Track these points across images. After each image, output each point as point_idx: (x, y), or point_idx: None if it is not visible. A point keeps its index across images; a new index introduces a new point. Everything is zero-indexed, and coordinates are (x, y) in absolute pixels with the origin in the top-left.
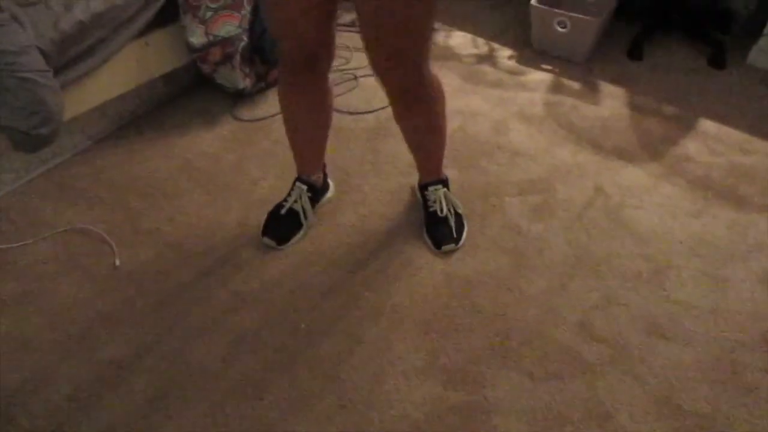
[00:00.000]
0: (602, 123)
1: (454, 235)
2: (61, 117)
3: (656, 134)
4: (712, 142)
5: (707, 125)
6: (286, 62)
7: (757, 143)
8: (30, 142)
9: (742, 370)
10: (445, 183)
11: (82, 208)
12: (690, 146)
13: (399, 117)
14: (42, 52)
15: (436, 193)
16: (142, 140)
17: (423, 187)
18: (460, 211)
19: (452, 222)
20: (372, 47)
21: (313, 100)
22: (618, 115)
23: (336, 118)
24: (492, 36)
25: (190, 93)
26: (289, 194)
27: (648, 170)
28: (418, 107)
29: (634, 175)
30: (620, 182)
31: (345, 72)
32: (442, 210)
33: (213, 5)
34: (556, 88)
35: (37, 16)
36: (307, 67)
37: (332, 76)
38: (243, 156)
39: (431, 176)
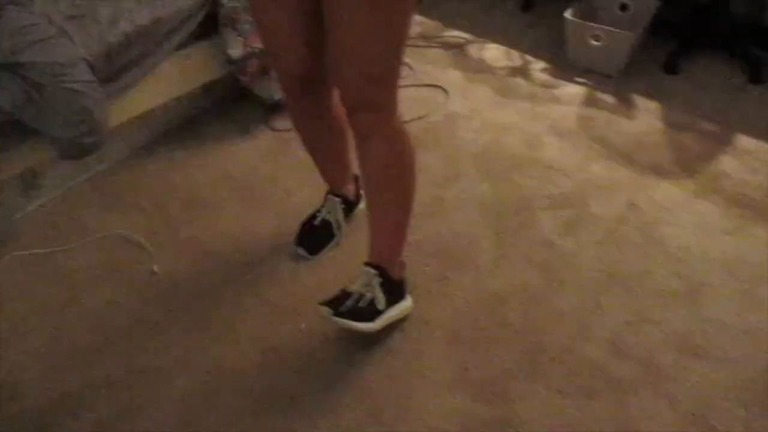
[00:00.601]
0: (637, 138)
1: (343, 310)
2: (107, 126)
3: (692, 151)
4: (750, 159)
5: (745, 142)
6: (283, 84)
7: None
8: (76, 150)
9: None
10: (390, 284)
11: (122, 215)
12: (727, 163)
13: (359, 158)
14: (89, 63)
15: (368, 277)
16: (182, 150)
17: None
18: (380, 307)
19: (355, 301)
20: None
21: (319, 125)
22: (653, 131)
23: None
24: (526, 49)
25: (228, 104)
26: (322, 205)
27: (683, 187)
28: (378, 150)
29: (668, 192)
30: (654, 199)
31: None
32: (357, 291)
33: (251, 19)
34: (590, 101)
35: (84, 29)
36: (304, 91)
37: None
38: (278, 166)
39: (381, 257)
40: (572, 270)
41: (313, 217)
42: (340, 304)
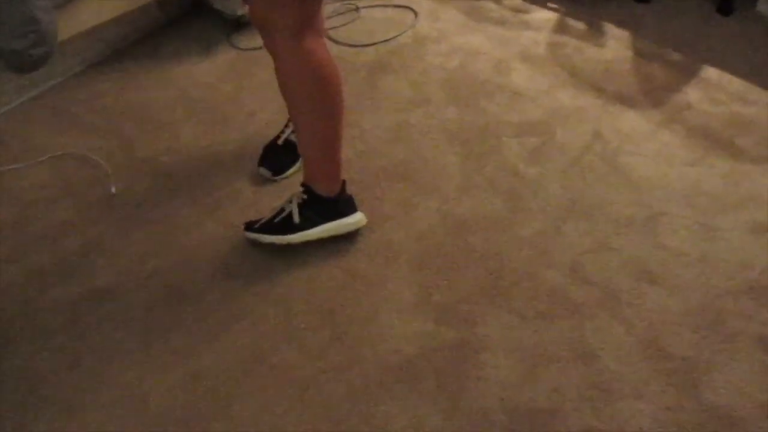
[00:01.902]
0: (605, 66)
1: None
2: (55, 38)
3: (658, 80)
4: (714, 90)
5: (710, 73)
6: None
7: (758, 93)
8: (23, 62)
9: (725, 318)
10: (317, 201)
11: (76, 134)
12: (691, 94)
13: None
14: None
15: (293, 194)
16: (138, 67)
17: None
18: (296, 221)
19: (272, 216)
20: None
21: (284, 62)
22: (621, 59)
23: (336, 50)
24: None
25: (187, 20)
26: (286, 125)
27: (648, 117)
28: (279, 68)
29: (633, 122)
30: (619, 128)
31: (346, 2)
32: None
33: None
34: (560, 28)
35: None
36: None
37: (333, 6)
38: (241, 86)
39: (305, 174)
40: (536, 197)
41: (277, 137)
42: (259, 218)
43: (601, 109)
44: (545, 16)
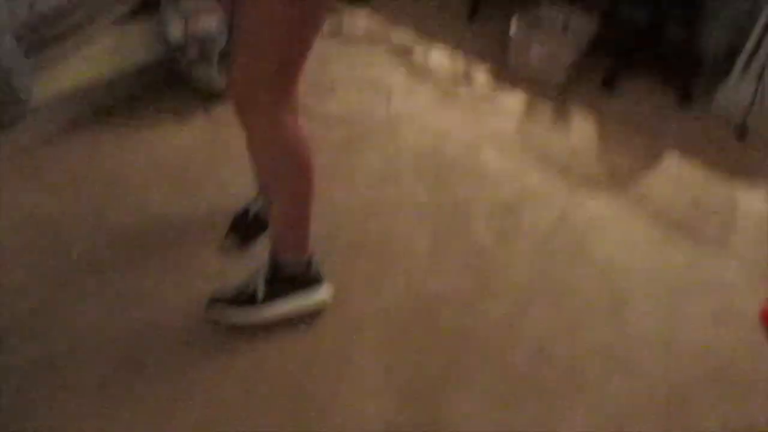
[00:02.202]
0: (572, 150)
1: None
2: (29, 99)
3: (623, 166)
4: (676, 177)
5: (672, 161)
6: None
7: (717, 180)
8: None
9: (690, 405)
10: (282, 276)
11: (43, 196)
12: (654, 180)
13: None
14: (14, 33)
15: (259, 267)
16: (112, 132)
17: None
18: (259, 297)
19: (235, 292)
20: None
21: (257, 139)
22: (587, 144)
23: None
24: (471, 56)
25: (164, 88)
26: (255, 198)
27: (613, 201)
28: (256, 144)
29: (599, 206)
30: (585, 212)
31: (322, 79)
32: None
33: (194, 2)
34: (529, 112)
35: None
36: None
37: (308, 82)
38: (214, 155)
39: (273, 247)
40: (504, 277)
41: (246, 209)
42: (221, 295)
43: (567, 193)
44: (515, 100)
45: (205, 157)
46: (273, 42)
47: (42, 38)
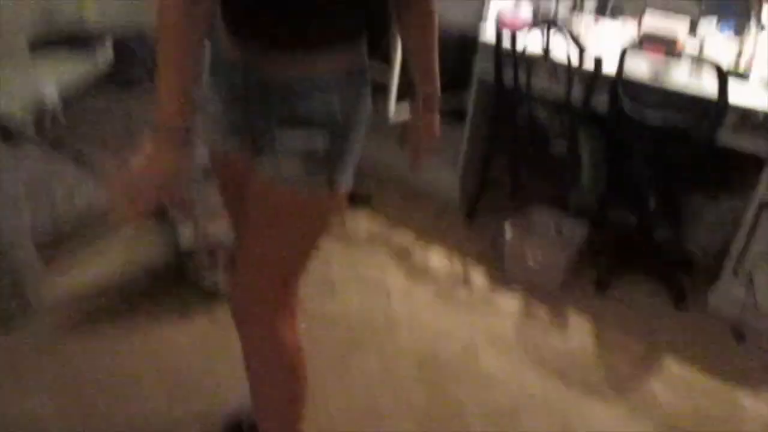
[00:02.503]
0: (570, 354)
1: None
2: (39, 303)
3: (623, 371)
4: (677, 382)
5: (672, 365)
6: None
7: (718, 387)
8: (1, 321)
9: None
10: None
11: (43, 397)
12: (656, 386)
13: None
14: (34, 237)
15: None
16: (114, 331)
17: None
18: None
19: None
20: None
21: (254, 351)
22: (586, 348)
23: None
24: (468, 257)
25: (170, 288)
26: (251, 408)
27: (615, 409)
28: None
29: (601, 414)
30: (588, 420)
31: (321, 278)
32: None
33: (204, 209)
34: (526, 314)
35: (38, 204)
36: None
37: (306, 281)
38: (214, 357)
39: None
40: None
41: (239, 423)
42: None
43: (568, 400)
44: (511, 302)
45: (204, 359)
46: (304, 246)
47: (58, 241)
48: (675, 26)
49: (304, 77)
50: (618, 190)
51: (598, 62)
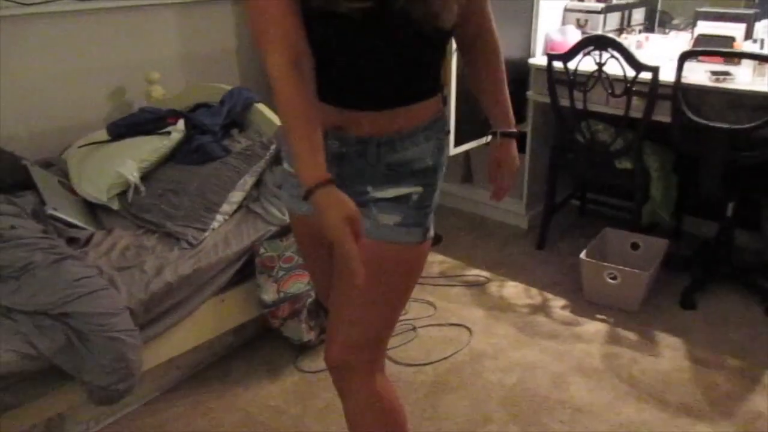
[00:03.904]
0: (664, 376)
1: None
2: (140, 373)
3: (722, 389)
4: None
5: None
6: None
7: None
8: (107, 396)
9: None
10: None
11: None
12: (760, 402)
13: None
14: (131, 312)
15: None
16: (208, 391)
17: None
18: None
19: None
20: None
21: (355, 406)
22: (679, 368)
23: (394, 369)
24: (544, 286)
25: (257, 344)
26: None
27: (720, 429)
28: (358, 409)
29: None
30: None
31: (403, 322)
32: None
33: (285, 266)
34: (612, 339)
35: (131, 279)
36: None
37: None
38: (305, 410)
39: None
40: None
41: None
42: None
43: (668, 423)
44: (595, 327)
45: (297, 411)
46: (403, 296)
47: (153, 314)
48: (730, 31)
49: (401, 130)
50: (693, 201)
51: (655, 72)
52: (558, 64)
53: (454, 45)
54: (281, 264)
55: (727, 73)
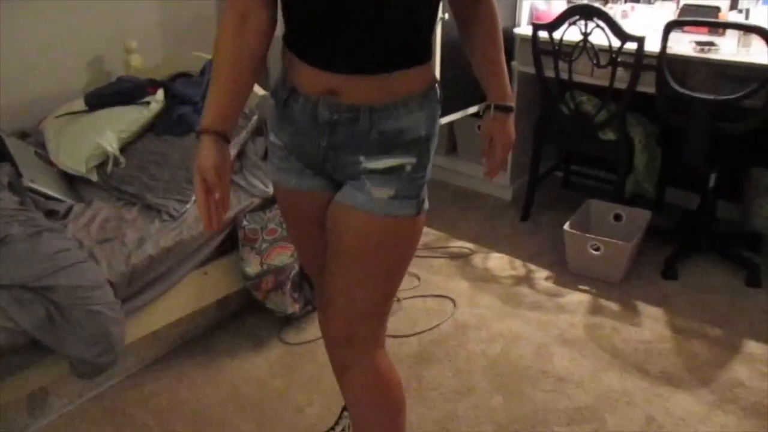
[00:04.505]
0: (645, 346)
1: None
2: (122, 346)
3: (702, 357)
4: (761, 364)
5: (753, 347)
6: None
7: None
8: (89, 369)
9: None
10: None
11: None
12: (739, 370)
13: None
14: (112, 285)
15: None
16: (192, 364)
17: None
18: None
19: None
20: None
21: (356, 380)
22: (660, 337)
23: None
24: (528, 257)
25: (241, 316)
26: (336, 422)
27: (699, 397)
28: (359, 383)
29: (685, 403)
30: (672, 411)
31: None
32: None
33: (269, 237)
34: (595, 309)
35: (111, 252)
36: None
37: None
38: (290, 381)
39: None
40: None
41: None
42: None
43: (649, 392)
44: (578, 298)
45: (281, 383)
46: (401, 269)
47: (135, 287)
48: (715, 1)
49: (396, 98)
50: (675, 172)
51: (640, 43)
52: (543, 34)
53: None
54: (264, 236)
55: (711, 44)
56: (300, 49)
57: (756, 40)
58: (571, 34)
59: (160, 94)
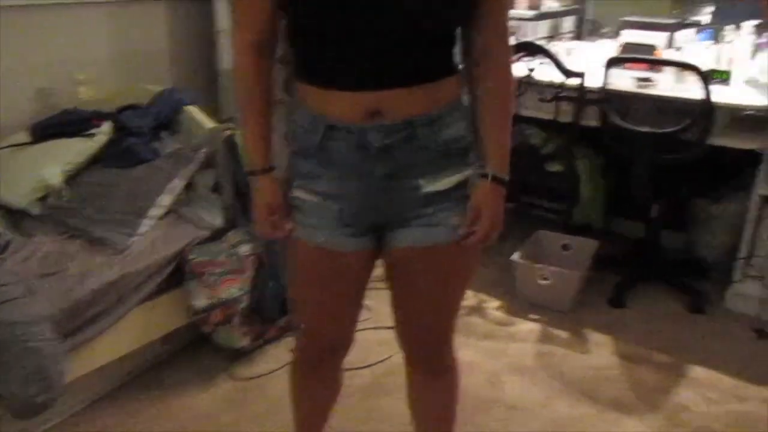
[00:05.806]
0: (595, 373)
1: None
2: (62, 384)
3: (650, 383)
4: (706, 389)
5: (698, 372)
6: (307, 353)
7: (748, 388)
8: (26, 409)
9: None
10: None
11: None
12: (685, 395)
13: (418, 392)
14: (53, 320)
15: None
16: (139, 401)
17: None
18: None
19: None
20: (408, 328)
21: (326, 387)
22: (609, 365)
23: None
24: (480, 287)
25: (189, 351)
26: None
27: (647, 423)
28: (440, 383)
29: (634, 429)
30: None
31: None
32: None
33: (217, 270)
34: (545, 337)
35: (52, 287)
36: (327, 359)
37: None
38: (239, 416)
39: None
40: None
41: None
42: None
43: (599, 418)
44: (529, 327)
45: (230, 419)
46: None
47: (77, 322)
48: (653, 40)
49: (441, 105)
50: (622, 202)
51: (582, 78)
52: None
53: None
54: (212, 270)
55: (650, 80)
56: (327, 76)
57: (691, 76)
58: (517, 70)
59: (105, 126)
